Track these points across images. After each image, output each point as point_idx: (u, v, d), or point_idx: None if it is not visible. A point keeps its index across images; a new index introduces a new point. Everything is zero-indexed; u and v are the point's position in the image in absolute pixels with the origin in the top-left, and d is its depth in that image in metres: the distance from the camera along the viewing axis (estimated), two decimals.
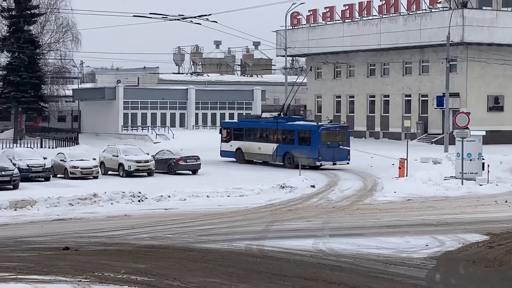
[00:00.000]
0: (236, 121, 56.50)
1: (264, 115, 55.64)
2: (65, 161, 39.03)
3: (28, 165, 36.93)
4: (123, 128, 71.84)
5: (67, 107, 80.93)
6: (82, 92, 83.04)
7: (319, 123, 47.26)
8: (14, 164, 35.43)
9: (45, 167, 37.61)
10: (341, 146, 43.39)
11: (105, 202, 29.48)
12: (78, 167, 38.41)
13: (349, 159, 43.67)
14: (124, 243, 20.63)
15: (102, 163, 41.35)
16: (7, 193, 30.80)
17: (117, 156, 40.61)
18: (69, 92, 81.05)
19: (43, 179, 37.30)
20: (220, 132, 51.18)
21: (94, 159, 40.37)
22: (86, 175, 38.33)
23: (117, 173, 40.28)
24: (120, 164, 40.16)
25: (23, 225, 24.93)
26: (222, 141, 50.08)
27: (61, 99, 77.81)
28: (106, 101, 73.65)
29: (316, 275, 16.38)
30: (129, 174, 39.53)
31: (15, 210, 27.70)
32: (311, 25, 76.41)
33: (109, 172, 40.83)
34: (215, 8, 47.91)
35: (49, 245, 20.52)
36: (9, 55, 69.41)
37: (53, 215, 26.78)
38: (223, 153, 48.95)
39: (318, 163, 42.66)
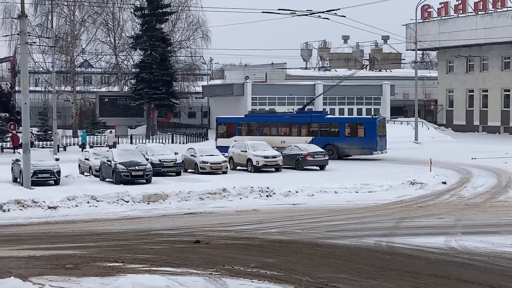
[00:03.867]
0: (240, 116, 55.58)
1: (280, 111, 55.75)
2: (195, 156, 39.79)
3: (160, 160, 37.87)
4: None
5: (197, 103, 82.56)
6: (212, 88, 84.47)
7: (374, 116, 51.53)
8: (147, 159, 36.43)
9: (176, 162, 38.46)
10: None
11: (234, 197, 29.81)
12: (207, 162, 39.07)
13: (386, 148, 48.24)
14: (253, 237, 20.75)
15: (231, 158, 41.91)
16: (141, 187, 31.67)
17: (246, 151, 41.04)
18: (199, 89, 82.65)
19: (174, 173, 38.14)
20: (216, 129, 52.13)
21: (223, 154, 40.95)
22: (215, 170, 38.94)
23: (246, 168, 40.70)
24: (249, 160, 40.56)
25: (155, 218, 25.54)
26: (219, 136, 50.86)
27: (191, 96, 79.57)
28: (234, 97, 74.59)
29: (448, 273, 15.92)
30: (257, 169, 39.84)
31: (148, 203, 28.43)
32: (443, 17, 74.79)
33: (238, 167, 41.32)
34: (343, 3, 47.47)
35: (181, 238, 20.90)
36: (142, 53, 71.52)
37: (184, 209, 27.30)
38: (222, 149, 45.49)
39: (375, 153, 46.49)
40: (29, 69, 42.82)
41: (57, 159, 35.98)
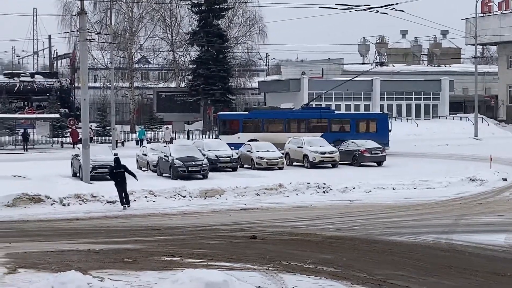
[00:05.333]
0: (244, 113, 54.02)
1: (283, 106, 54.60)
2: (251, 152, 39.86)
3: (216, 156, 38.05)
4: None
5: (253, 99, 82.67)
6: (268, 84, 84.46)
7: (384, 111, 51.71)
8: (204, 155, 36.63)
9: (233, 157, 38.60)
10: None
11: (290, 193, 29.74)
12: (264, 158, 39.10)
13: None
14: (309, 233, 20.67)
15: (287, 154, 41.88)
16: (197, 183, 31.85)
17: (302, 147, 40.95)
18: (255, 85, 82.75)
19: (230, 169, 38.28)
20: (219, 125, 51.16)
21: (280, 150, 40.95)
22: (271, 165, 38.93)
23: (302, 164, 40.61)
24: (305, 155, 40.46)
25: (212, 213, 25.64)
26: (221, 133, 49.70)
27: (248, 91, 79.75)
28: (291, 92, 74.43)
29: (509, 270, 15.62)
30: (314, 165, 39.72)
31: (205, 199, 28.56)
32: (503, 12, 73.51)
33: (294, 163, 41.26)
34: None
35: (237, 233, 20.94)
36: (199, 49, 71.93)
37: (241, 205, 27.35)
38: None
39: (387, 148, 45.35)
40: (88, 66, 43.45)
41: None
